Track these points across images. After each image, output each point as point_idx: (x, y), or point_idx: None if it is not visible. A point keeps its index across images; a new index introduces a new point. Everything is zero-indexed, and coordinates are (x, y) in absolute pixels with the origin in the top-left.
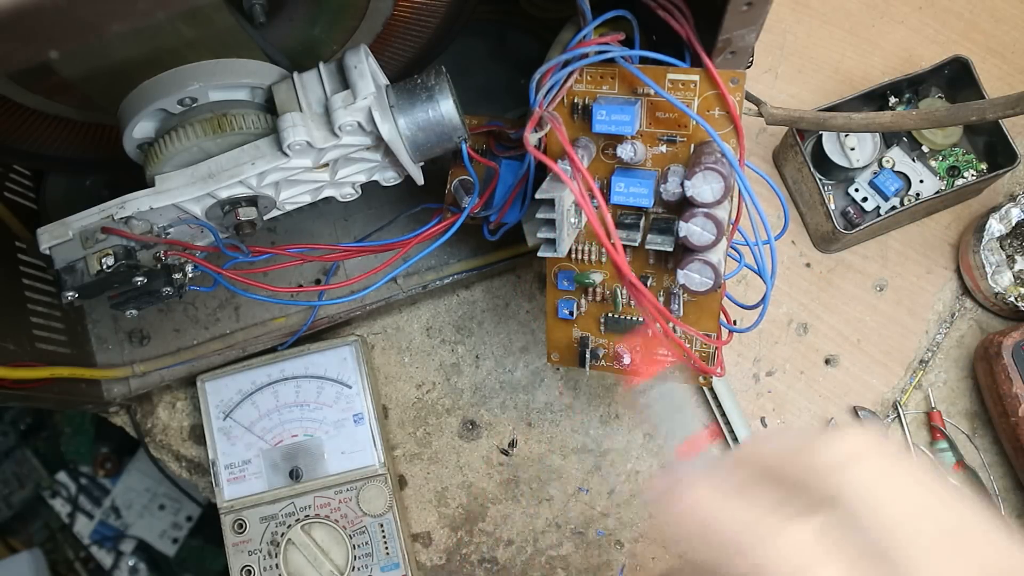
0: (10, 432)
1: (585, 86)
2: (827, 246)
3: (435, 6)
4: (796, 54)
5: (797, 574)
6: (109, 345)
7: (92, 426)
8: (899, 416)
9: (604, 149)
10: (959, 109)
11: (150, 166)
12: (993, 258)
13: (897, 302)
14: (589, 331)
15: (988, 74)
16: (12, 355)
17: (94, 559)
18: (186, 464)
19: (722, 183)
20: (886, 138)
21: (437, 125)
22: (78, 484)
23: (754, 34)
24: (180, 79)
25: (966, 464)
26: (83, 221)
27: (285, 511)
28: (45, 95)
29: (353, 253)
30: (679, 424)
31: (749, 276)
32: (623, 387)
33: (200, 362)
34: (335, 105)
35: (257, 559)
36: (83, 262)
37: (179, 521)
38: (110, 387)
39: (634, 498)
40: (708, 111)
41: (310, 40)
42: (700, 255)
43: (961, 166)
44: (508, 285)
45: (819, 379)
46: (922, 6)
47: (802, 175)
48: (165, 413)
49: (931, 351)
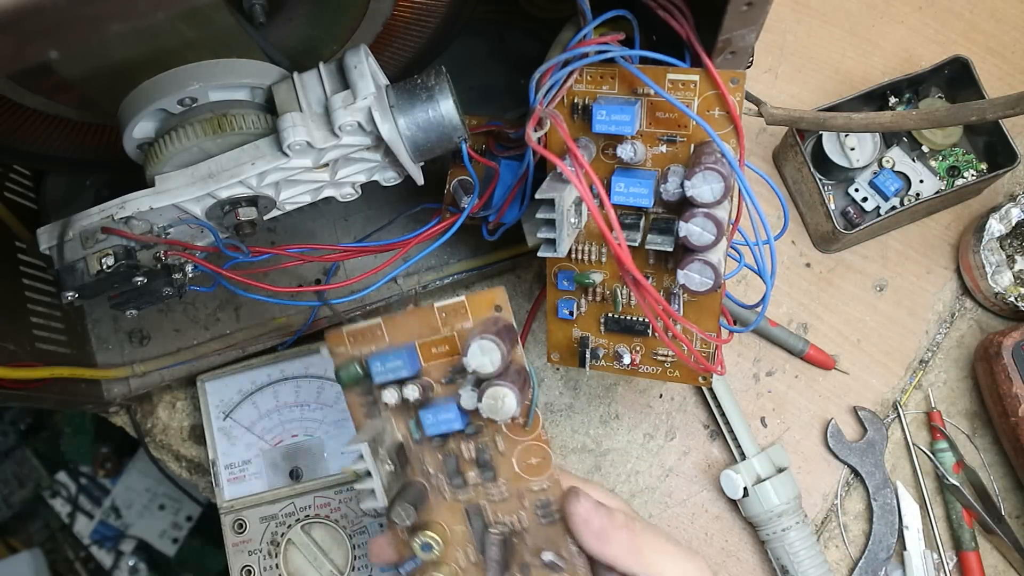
0: (10, 432)
1: (585, 86)
2: (827, 246)
3: (435, 6)
4: (796, 54)
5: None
6: (109, 345)
7: (92, 426)
8: (899, 416)
9: (604, 149)
10: (959, 109)
11: (150, 166)
12: (993, 258)
13: (897, 302)
14: (589, 331)
15: (988, 74)
16: (12, 355)
17: (94, 559)
18: (186, 464)
19: (722, 183)
20: (886, 138)
21: (437, 125)
22: (78, 484)
23: (754, 34)
24: (180, 79)
25: (966, 464)
26: (83, 221)
27: (285, 511)
28: (45, 95)
29: (353, 253)
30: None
31: (749, 276)
32: (623, 387)
33: (200, 362)
34: (335, 105)
35: (257, 559)
36: (83, 262)
37: (179, 521)
38: (110, 387)
39: (634, 498)
40: (708, 111)
41: (310, 40)
42: (700, 255)
43: (961, 166)
44: (508, 285)
45: (819, 379)
46: (922, 6)
47: (802, 175)
48: (165, 413)
49: (931, 351)
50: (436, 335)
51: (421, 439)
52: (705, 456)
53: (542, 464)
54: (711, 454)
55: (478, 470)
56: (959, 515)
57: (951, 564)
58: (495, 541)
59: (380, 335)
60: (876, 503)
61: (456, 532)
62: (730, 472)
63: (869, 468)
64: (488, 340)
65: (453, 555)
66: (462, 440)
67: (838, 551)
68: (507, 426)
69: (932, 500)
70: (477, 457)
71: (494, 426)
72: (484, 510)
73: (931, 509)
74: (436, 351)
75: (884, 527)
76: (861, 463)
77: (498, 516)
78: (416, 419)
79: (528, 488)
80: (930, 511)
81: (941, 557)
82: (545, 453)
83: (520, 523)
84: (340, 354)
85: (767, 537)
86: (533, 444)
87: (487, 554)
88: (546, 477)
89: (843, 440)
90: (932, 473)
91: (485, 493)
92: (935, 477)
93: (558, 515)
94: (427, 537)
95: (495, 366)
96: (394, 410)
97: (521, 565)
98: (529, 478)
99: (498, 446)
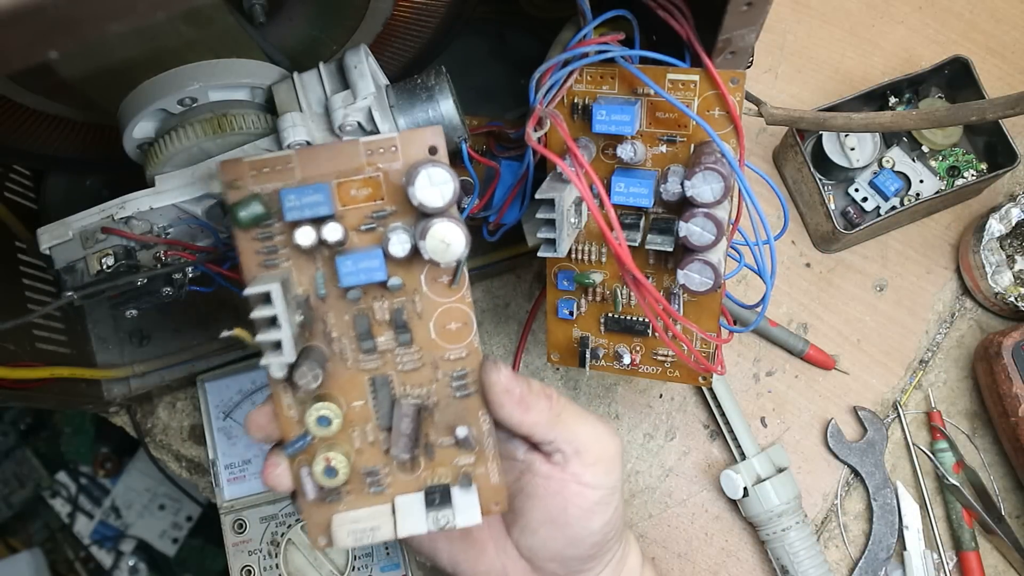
0: (10, 432)
1: (585, 86)
2: (827, 246)
3: (435, 6)
4: (796, 54)
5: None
6: (109, 345)
7: (92, 426)
8: (899, 416)
9: (604, 149)
10: (959, 109)
11: (150, 166)
12: (993, 258)
13: (897, 302)
14: (589, 331)
15: (988, 74)
16: (12, 355)
17: (94, 559)
18: (186, 464)
19: (722, 183)
20: (886, 138)
21: (437, 125)
22: (78, 484)
23: (754, 34)
24: (180, 79)
25: (966, 464)
26: (83, 221)
27: (285, 511)
28: (45, 95)
29: None
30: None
31: (749, 276)
32: (623, 387)
33: (200, 362)
34: (335, 105)
35: (257, 559)
36: (83, 262)
37: (179, 521)
38: (110, 387)
39: (634, 498)
40: (708, 111)
41: (310, 40)
42: (700, 255)
43: (961, 166)
44: (508, 285)
45: (819, 379)
46: (922, 6)
47: (802, 175)
48: (165, 413)
49: (931, 351)
50: (358, 175)
51: (328, 295)
52: (705, 456)
53: (462, 331)
54: (711, 454)
55: (393, 332)
56: (959, 515)
57: (951, 564)
58: (408, 411)
59: (291, 170)
60: (876, 503)
61: (354, 409)
62: (730, 472)
63: (869, 468)
64: (440, 169)
65: (348, 435)
66: (376, 298)
67: (838, 551)
68: (429, 285)
69: (932, 500)
70: (393, 317)
71: (415, 283)
72: (391, 382)
73: (931, 509)
74: (356, 193)
75: (884, 527)
76: (861, 463)
77: (406, 389)
78: (326, 270)
79: (443, 357)
80: (930, 511)
81: (941, 557)
82: (467, 318)
83: (430, 397)
84: (238, 189)
85: (767, 537)
86: (455, 306)
87: (398, 428)
88: (464, 345)
89: (843, 440)
90: (932, 473)
91: (395, 361)
92: (935, 477)
93: (473, 388)
94: (325, 409)
95: (445, 200)
96: (300, 258)
97: (425, 446)
98: (446, 346)
99: (416, 307)
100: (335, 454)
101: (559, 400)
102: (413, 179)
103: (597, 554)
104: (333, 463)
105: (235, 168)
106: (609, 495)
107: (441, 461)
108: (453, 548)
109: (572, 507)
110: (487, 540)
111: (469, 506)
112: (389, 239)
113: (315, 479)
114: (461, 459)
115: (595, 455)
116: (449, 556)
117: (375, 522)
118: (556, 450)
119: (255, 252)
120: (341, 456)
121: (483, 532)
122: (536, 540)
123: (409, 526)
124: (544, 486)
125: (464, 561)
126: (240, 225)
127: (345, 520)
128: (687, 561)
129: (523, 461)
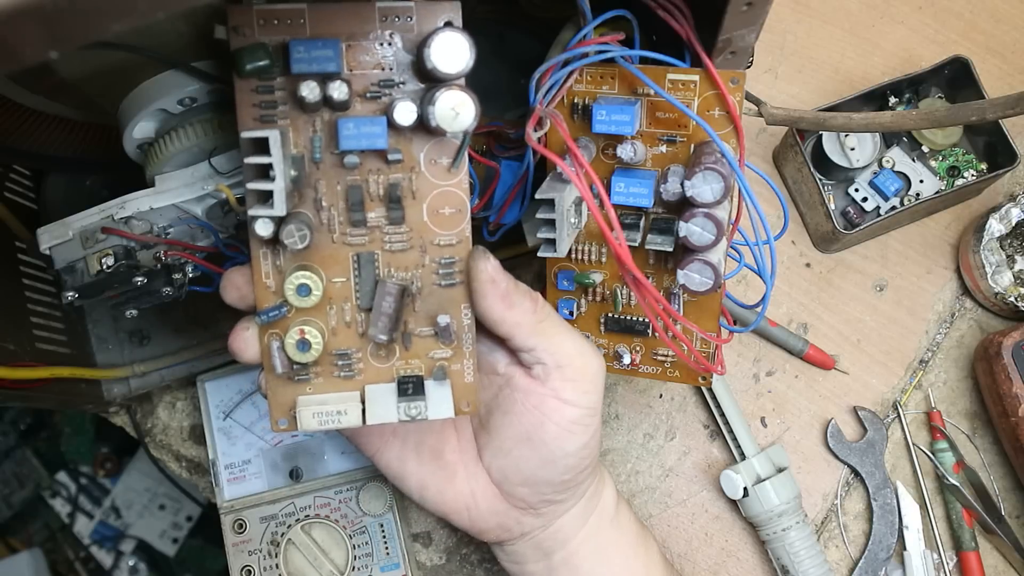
0: (10, 432)
1: (585, 86)
2: (827, 246)
3: None
4: (796, 54)
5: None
6: (109, 345)
7: (92, 426)
8: (899, 416)
9: (604, 149)
10: (959, 109)
11: (150, 166)
12: (993, 258)
13: (897, 302)
14: (589, 331)
15: (988, 74)
16: (12, 355)
17: (94, 559)
18: (186, 464)
19: (722, 183)
20: (886, 138)
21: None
22: (78, 484)
23: (754, 34)
24: (180, 79)
25: (966, 464)
26: (83, 221)
27: (285, 511)
28: (45, 95)
29: None
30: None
31: (749, 276)
32: (623, 387)
33: (200, 362)
34: None
35: (257, 559)
36: (83, 262)
37: (179, 521)
38: (110, 387)
39: (634, 498)
40: (708, 111)
41: None
42: (700, 255)
43: (961, 166)
44: None
45: (819, 379)
46: (922, 6)
47: (802, 175)
48: (165, 413)
49: (931, 351)
50: (369, 40)
51: (323, 161)
52: (705, 456)
53: (456, 217)
54: (711, 454)
55: (385, 209)
56: (959, 515)
57: (951, 564)
58: (392, 290)
59: (301, 25)
60: (876, 503)
61: (335, 285)
62: (730, 472)
63: (869, 468)
64: (459, 34)
65: (324, 311)
66: (372, 171)
67: (838, 551)
68: (427, 165)
69: (932, 500)
70: (388, 192)
71: (413, 161)
72: (377, 261)
73: (931, 509)
74: (365, 59)
75: (884, 527)
76: (861, 463)
77: (391, 271)
78: (324, 136)
79: (433, 242)
80: (930, 511)
81: (941, 557)
82: (462, 204)
83: (414, 283)
84: (243, 36)
85: (767, 537)
86: (452, 191)
87: (378, 307)
88: (456, 233)
89: (843, 440)
90: (932, 473)
91: (383, 240)
92: (935, 477)
93: (460, 278)
94: (305, 278)
95: (459, 68)
96: (299, 118)
97: (403, 335)
98: (437, 231)
99: (412, 185)
100: (310, 328)
101: (544, 306)
102: (430, 41)
103: (570, 482)
104: (307, 336)
105: (243, 14)
106: (588, 415)
107: (416, 352)
108: (423, 470)
109: (549, 424)
110: (457, 463)
111: (442, 399)
112: (395, 106)
113: (286, 352)
114: (438, 352)
115: (577, 370)
116: (418, 479)
117: (343, 406)
118: (537, 361)
119: (251, 105)
120: (316, 331)
121: (454, 454)
122: (509, 461)
123: (379, 414)
124: (522, 401)
125: (433, 485)
126: (241, 72)
127: (311, 402)
128: (687, 561)
129: (503, 376)
